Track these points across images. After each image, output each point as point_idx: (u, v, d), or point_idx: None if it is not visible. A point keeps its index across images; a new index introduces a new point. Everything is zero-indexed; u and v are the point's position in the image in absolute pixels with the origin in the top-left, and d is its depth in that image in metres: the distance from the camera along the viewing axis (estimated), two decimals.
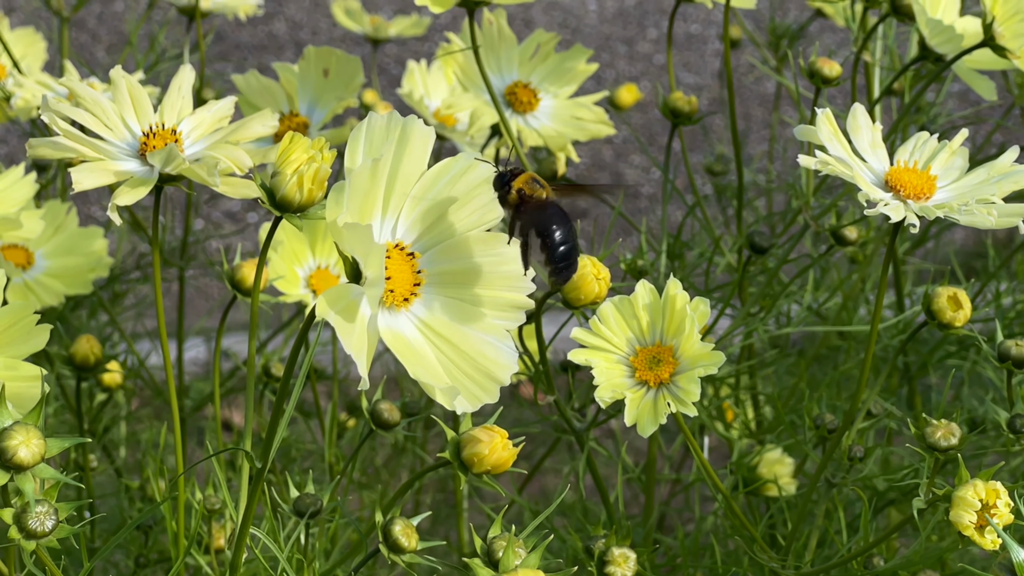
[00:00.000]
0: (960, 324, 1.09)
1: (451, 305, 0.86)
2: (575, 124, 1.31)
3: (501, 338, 0.86)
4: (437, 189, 0.85)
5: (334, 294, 0.80)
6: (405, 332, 0.84)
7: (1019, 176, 1.05)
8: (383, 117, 0.83)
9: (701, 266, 1.36)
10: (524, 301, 0.87)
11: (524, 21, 3.35)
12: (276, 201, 0.89)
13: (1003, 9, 1.18)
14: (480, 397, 0.85)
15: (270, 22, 3.28)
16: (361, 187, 0.80)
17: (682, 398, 1.03)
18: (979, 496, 0.99)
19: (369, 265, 0.80)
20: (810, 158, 1.03)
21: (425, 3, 1.18)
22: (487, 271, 0.86)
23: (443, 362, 0.84)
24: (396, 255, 0.84)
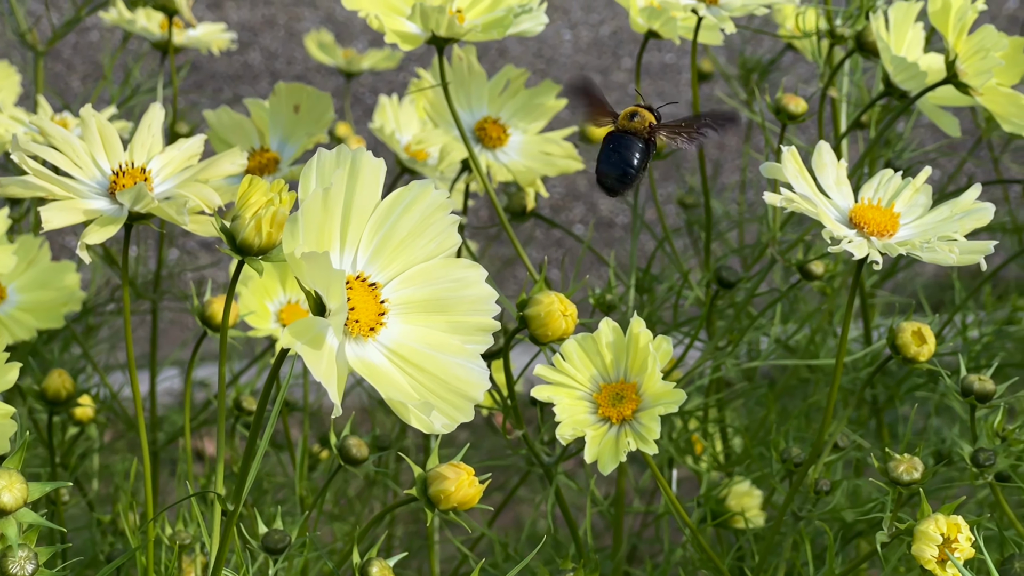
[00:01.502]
0: (924, 359, 1.10)
1: (418, 332, 0.87)
2: (544, 159, 1.32)
3: (471, 359, 0.87)
4: (393, 218, 0.86)
5: (299, 327, 0.81)
6: (375, 361, 0.85)
7: (981, 214, 1.07)
8: (332, 152, 0.84)
9: (670, 300, 1.37)
10: (490, 323, 0.88)
11: (499, 51, 3.37)
12: (236, 245, 0.90)
13: (966, 47, 1.19)
14: (455, 416, 0.86)
15: (245, 52, 3.29)
16: (314, 217, 0.81)
17: (644, 435, 1.04)
18: (940, 530, 1.00)
19: (331, 294, 0.81)
20: (776, 195, 1.05)
21: (394, 41, 1.19)
22: (451, 296, 0.88)
23: (415, 387, 0.86)
24: (358, 286, 0.85)
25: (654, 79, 3.30)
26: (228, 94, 3.20)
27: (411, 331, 0.87)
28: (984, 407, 1.10)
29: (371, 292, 0.86)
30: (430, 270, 0.87)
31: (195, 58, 3.23)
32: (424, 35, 1.19)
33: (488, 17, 1.19)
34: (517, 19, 1.18)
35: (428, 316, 0.87)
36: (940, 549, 1.00)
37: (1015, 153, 1.90)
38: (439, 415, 0.85)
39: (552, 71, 3.33)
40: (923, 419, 1.67)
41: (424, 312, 0.87)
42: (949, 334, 1.54)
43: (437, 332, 0.87)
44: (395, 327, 0.87)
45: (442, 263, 0.88)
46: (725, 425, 1.38)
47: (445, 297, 0.88)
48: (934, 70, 1.25)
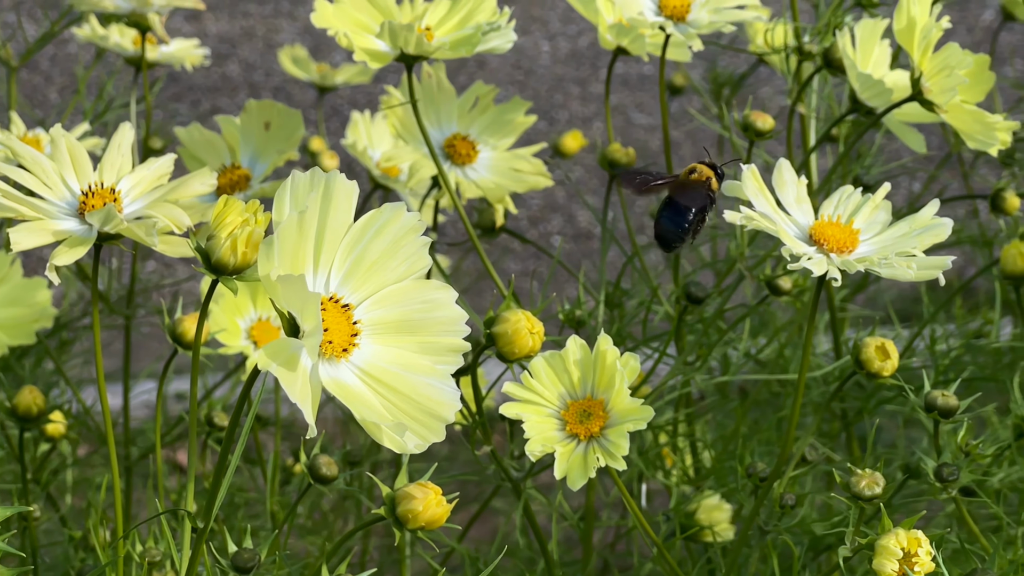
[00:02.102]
0: (888, 373, 1.11)
1: (389, 353, 0.88)
2: (513, 176, 1.33)
3: (442, 379, 0.88)
4: (365, 241, 0.87)
5: (274, 348, 0.82)
6: (348, 382, 0.86)
7: (939, 229, 1.08)
8: (306, 174, 0.85)
9: (641, 315, 1.37)
10: (460, 344, 0.89)
11: (478, 63, 3.38)
12: (211, 264, 0.91)
13: (930, 65, 1.20)
14: (427, 436, 0.87)
15: (223, 64, 3.30)
16: (290, 240, 0.82)
17: (612, 452, 1.05)
18: (901, 545, 1.01)
19: (306, 316, 0.82)
20: (736, 213, 1.05)
21: (363, 58, 1.19)
22: (422, 317, 0.89)
23: (387, 407, 0.87)
24: (331, 308, 0.86)
25: (632, 90, 3.31)
26: (206, 106, 3.20)
27: (383, 352, 0.88)
28: (947, 422, 1.11)
29: (344, 314, 0.87)
30: (401, 292, 0.89)
31: (173, 69, 3.23)
32: (393, 53, 1.20)
33: (457, 35, 1.20)
34: (486, 36, 1.19)
35: (399, 337, 0.89)
36: (900, 563, 1.00)
37: (993, 165, 1.90)
38: (411, 435, 0.86)
39: (530, 82, 3.34)
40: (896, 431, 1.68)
41: (396, 333, 0.88)
42: (920, 347, 1.55)
43: (408, 353, 0.88)
44: (367, 348, 0.88)
45: (413, 285, 0.89)
46: (695, 439, 1.39)
47: (416, 318, 0.89)
48: (900, 87, 1.26)
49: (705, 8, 1.25)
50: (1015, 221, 1.39)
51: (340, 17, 1.21)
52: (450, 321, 0.88)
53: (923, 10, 1.20)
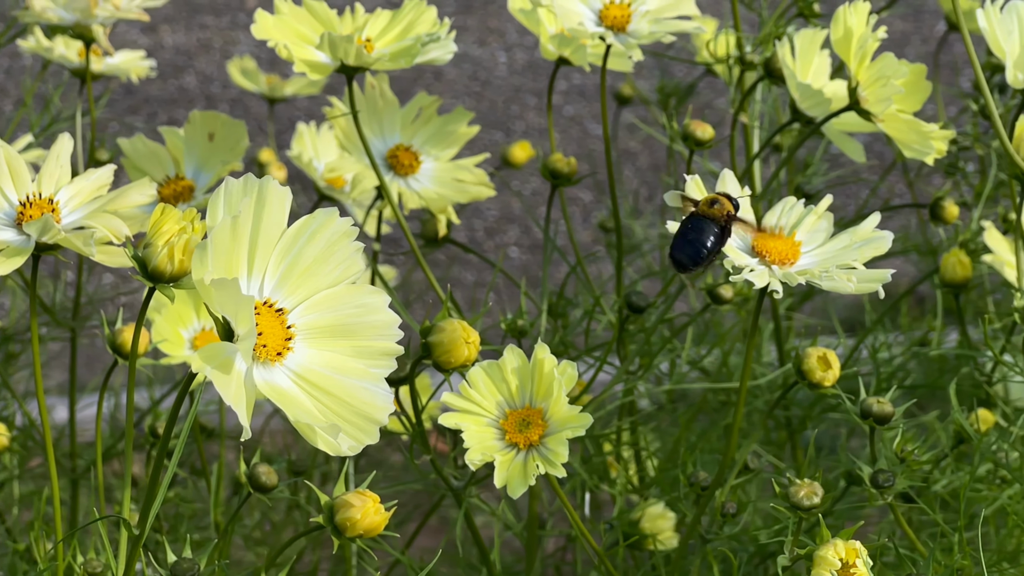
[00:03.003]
0: (830, 383, 1.12)
1: (324, 356, 0.89)
2: (456, 186, 1.33)
3: (375, 382, 0.88)
4: (299, 246, 0.88)
5: (209, 351, 0.83)
6: (282, 385, 0.87)
7: (880, 242, 1.08)
8: (240, 180, 0.85)
9: (585, 324, 1.38)
10: (394, 348, 0.90)
11: (435, 74, 3.38)
12: (148, 272, 0.91)
13: (867, 74, 1.21)
14: (361, 439, 0.88)
15: (180, 76, 3.30)
16: (223, 244, 0.83)
17: (551, 459, 1.06)
18: (839, 555, 1.01)
19: (240, 320, 0.82)
20: (677, 224, 1.06)
21: (303, 70, 1.20)
22: (356, 321, 0.89)
23: (321, 410, 0.87)
24: (265, 312, 0.87)
25: (589, 101, 3.32)
26: (163, 118, 3.20)
27: (317, 356, 0.89)
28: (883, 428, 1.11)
29: (278, 318, 0.87)
30: (335, 296, 0.89)
31: (129, 82, 3.23)
32: (333, 64, 1.21)
33: (396, 46, 1.21)
34: (425, 48, 1.20)
35: (334, 341, 0.89)
36: (839, 574, 1.01)
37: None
38: (345, 437, 0.87)
39: (487, 93, 3.35)
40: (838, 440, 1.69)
41: (330, 337, 0.89)
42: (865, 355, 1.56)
43: (342, 356, 0.89)
44: (302, 352, 0.89)
45: (347, 289, 0.90)
46: (639, 448, 1.40)
47: (350, 322, 0.89)
48: (839, 97, 1.27)
49: (646, 19, 1.25)
50: (956, 229, 1.40)
51: (281, 29, 1.21)
52: (384, 325, 0.89)
53: (860, 20, 1.21)
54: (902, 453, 1.12)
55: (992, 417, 1.29)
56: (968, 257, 1.35)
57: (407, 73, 3.36)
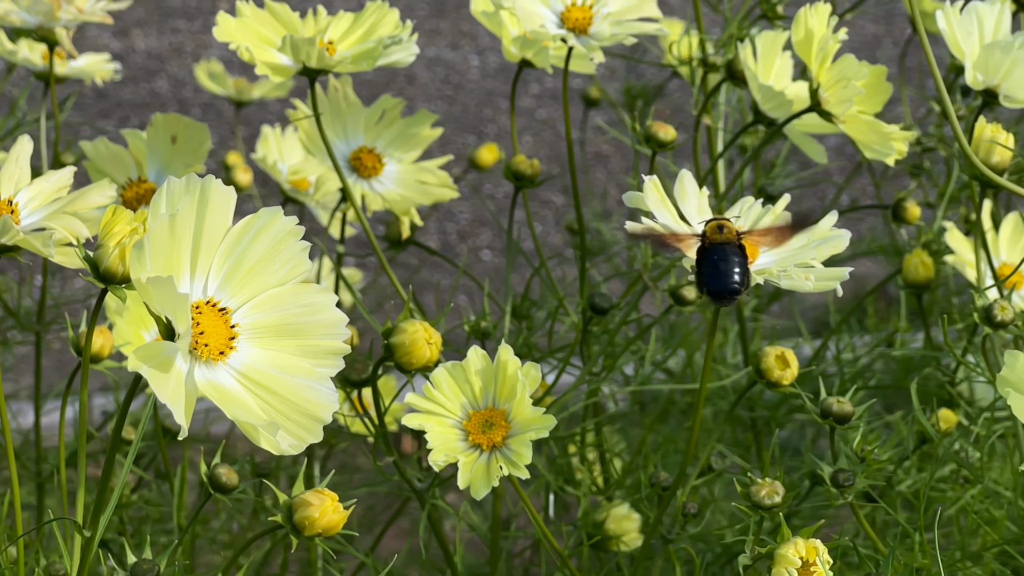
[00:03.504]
0: (788, 382, 1.12)
1: (268, 355, 0.89)
2: (419, 188, 1.33)
3: (320, 381, 0.88)
4: (243, 245, 0.88)
5: (147, 350, 0.83)
6: (225, 384, 0.87)
7: (837, 241, 1.08)
8: (182, 179, 0.85)
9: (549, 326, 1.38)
10: (340, 347, 0.90)
11: (407, 77, 3.38)
12: (100, 273, 0.91)
13: (828, 76, 1.21)
14: (304, 437, 0.88)
15: (152, 80, 3.29)
16: (161, 242, 0.83)
17: (515, 461, 1.06)
18: (799, 553, 1.01)
19: (177, 318, 0.83)
20: (637, 225, 1.06)
21: (265, 72, 1.20)
22: (302, 321, 0.90)
23: (265, 409, 0.88)
24: (208, 311, 0.87)
25: (561, 104, 3.32)
26: (135, 122, 3.20)
27: (262, 355, 0.89)
28: (843, 428, 1.12)
29: (221, 317, 0.87)
30: (281, 295, 0.89)
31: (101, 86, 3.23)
32: (295, 67, 1.21)
33: (358, 49, 1.21)
34: (387, 50, 1.20)
35: (279, 340, 0.90)
36: (799, 572, 1.01)
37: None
38: (287, 436, 0.87)
39: (460, 97, 3.35)
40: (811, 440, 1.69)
41: (275, 336, 0.89)
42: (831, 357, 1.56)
43: (288, 355, 0.89)
44: (246, 351, 0.89)
45: (293, 289, 0.90)
46: (604, 449, 1.40)
47: (296, 322, 0.90)
48: (801, 98, 1.27)
49: (607, 21, 1.25)
50: (919, 230, 1.41)
51: (243, 31, 1.21)
52: (330, 324, 0.89)
53: (820, 22, 1.21)
54: (862, 452, 1.13)
55: (954, 417, 1.29)
56: (931, 258, 1.35)
57: (380, 77, 3.36)
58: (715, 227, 1.05)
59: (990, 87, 1.22)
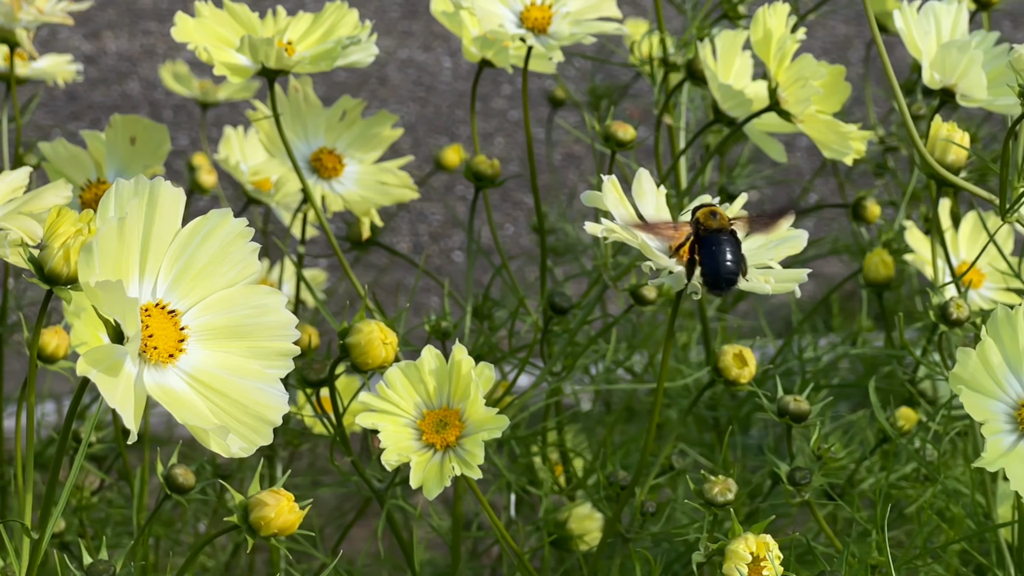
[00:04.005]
0: (745, 380, 1.12)
1: (218, 357, 0.89)
2: (380, 189, 1.33)
3: (270, 383, 0.89)
4: (192, 247, 0.88)
5: (96, 354, 0.82)
6: (174, 387, 0.87)
7: (795, 242, 1.08)
8: (131, 181, 0.85)
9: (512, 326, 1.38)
10: (290, 348, 0.90)
11: (379, 79, 3.38)
12: (44, 275, 0.91)
13: (786, 75, 1.22)
14: (254, 440, 0.88)
15: (124, 82, 3.29)
16: (110, 246, 0.83)
17: (468, 460, 1.06)
18: (750, 549, 1.02)
19: (126, 322, 0.82)
20: (597, 225, 1.06)
21: (223, 72, 1.20)
22: (251, 322, 0.90)
23: (214, 411, 0.87)
24: (157, 313, 0.87)
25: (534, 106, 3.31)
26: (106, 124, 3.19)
27: (212, 357, 0.89)
28: (800, 426, 1.12)
29: (171, 319, 0.87)
30: (231, 297, 0.89)
31: (72, 88, 3.22)
32: (254, 67, 1.21)
33: (317, 49, 1.21)
34: (346, 51, 1.20)
35: (229, 342, 0.89)
36: (750, 568, 1.02)
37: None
38: (237, 438, 0.87)
39: (432, 99, 3.35)
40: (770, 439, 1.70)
41: (225, 338, 0.89)
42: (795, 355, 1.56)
43: (238, 357, 0.89)
44: (196, 353, 0.89)
45: (243, 290, 0.90)
46: (565, 449, 1.40)
47: (246, 323, 0.90)
48: (760, 98, 1.27)
49: (566, 20, 1.26)
50: (879, 229, 1.41)
51: (201, 31, 1.21)
52: (280, 326, 0.89)
53: (779, 22, 1.22)
54: (819, 451, 1.13)
55: (915, 416, 1.30)
56: (891, 257, 1.35)
57: (352, 79, 3.36)
58: (708, 214, 1.05)
59: (947, 86, 1.22)
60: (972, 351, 0.99)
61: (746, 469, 1.62)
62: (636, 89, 2.02)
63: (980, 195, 1.06)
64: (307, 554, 1.49)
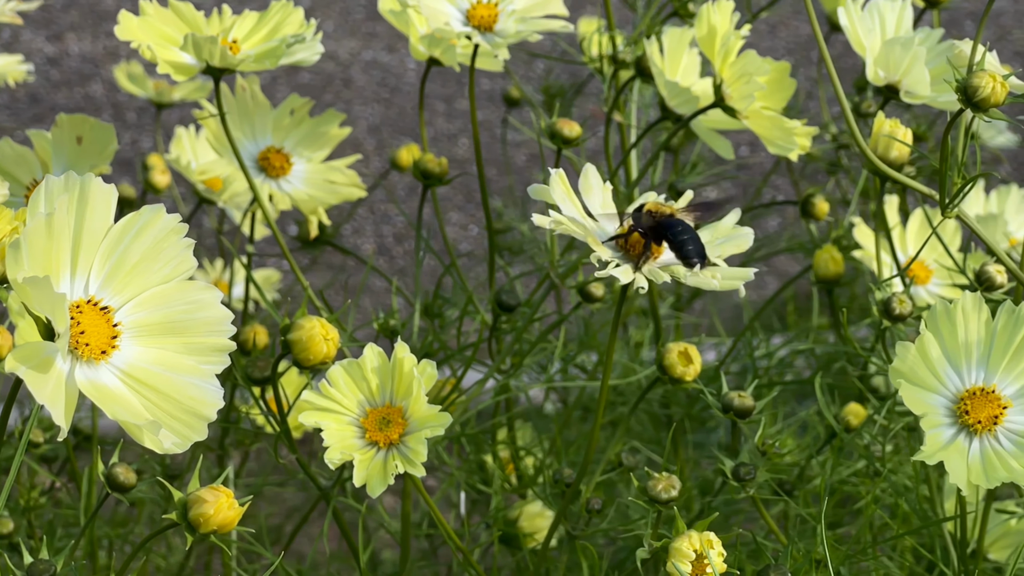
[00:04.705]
0: (690, 378, 1.12)
1: (153, 354, 0.89)
2: (327, 188, 1.33)
3: (205, 378, 0.88)
4: (125, 243, 0.87)
5: (26, 351, 0.82)
6: (107, 383, 0.87)
7: (741, 239, 1.08)
8: (61, 178, 0.85)
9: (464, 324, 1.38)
10: (226, 344, 0.90)
11: (344, 81, 3.38)
12: None
13: (730, 72, 1.22)
14: (188, 435, 0.89)
15: (87, 84, 3.28)
16: (38, 242, 0.82)
17: (411, 458, 1.06)
18: (694, 546, 1.02)
19: (56, 318, 0.82)
20: (545, 217, 1.06)
21: (167, 71, 1.19)
22: (186, 318, 0.90)
23: (148, 407, 0.87)
24: (89, 310, 0.87)
25: (498, 106, 3.32)
26: None
27: (146, 353, 0.89)
28: (744, 422, 1.12)
29: (103, 316, 0.87)
30: (165, 293, 0.89)
31: (35, 90, 3.21)
32: (199, 65, 1.20)
33: (262, 47, 1.21)
34: (290, 49, 1.20)
35: (164, 338, 0.89)
36: (694, 565, 1.02)
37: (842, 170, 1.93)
38: (170, 434, 0.87)
39: (396, 100, 3.34)
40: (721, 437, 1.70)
41: (160, 334, 0.89)
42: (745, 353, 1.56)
43: (172, 353, 0.89)
44: (129, 350, 0.88)
45: (178, 286, 0.90)
46: (516, 447, 1.40)
47: (181, 319, 0.90)
48: (707, 94, 1.28)
49: (512, 18, 1.26)
50: (829, 226, 1.42)
51: (145, 30, 1.21)
52: (215, 321, 0.89)
53: (723, 18, 1.22)
54: (763, 447, 1.13)
55: (863, 411, 1.30)
56: (840, 253, 1.36)
57: (316, 80, 3.35)
58: (657, 205, 1.05)
59: (891, 83, 1.22)
60: (911, 345, 1.00)
61: (701, 467, 1.63)
62: (597, 88, 2.02)
63: (920, 191, 1.06)
64: (261, 554, 1.48)
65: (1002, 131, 1.68)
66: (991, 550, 1.30)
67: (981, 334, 1.01)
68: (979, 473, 0.99)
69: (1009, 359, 1.01)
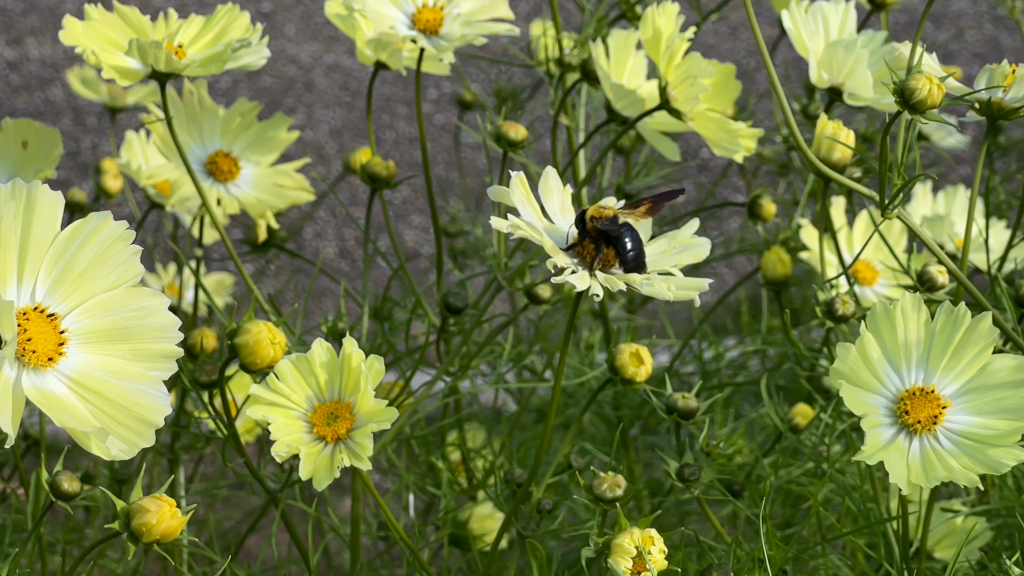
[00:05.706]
0: (641, 379, 1.13)
1: (100, 360, 0.89)
2: (276, 191, 1.33)
3: (153, 385, 0.89)
4: (72, 250, 0.88)
5: None
6: (54, 390, 0.87)
7: (698, 249, 1.08)
8: (7, 185, 0.85)
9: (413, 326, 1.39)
10: (173, 350, 0.90)
11: (305, 85, 3.38)
12: None
13: (675, 74, 1.23)
14: (136, 442, 0.89)
15: (47, 88, 3.27)
16: None
17: (358, 452, 1.06)
18: (635, 543, 1.02)
19: (3, 326, 0.83)
20: (502, 221, 1.06)
21: (112, 76, 1.19)
22: (133, 325, 0.90)
23: (96, 414, 0.88)
24: (35, 317, 0.87)
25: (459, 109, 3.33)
26: None
27: (93, 360, 0.89)
28: (687, 423, 1.13)
29: (50, 323, 0.87)
30: (112, 300, 0.90)
31: None
32: (144, 70, 1.20)
33: (207, 52, 1.21)
34: (236, 53, 1.20)
35: (111, 345, 0.90)
36: (635, 561, 1.02)
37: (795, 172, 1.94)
38: (117, 441, 0.87)
39: (358, 103, 3.35)
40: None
41: (107, 341, 0.90)
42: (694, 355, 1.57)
43: (120, 360, 0.90)
44: (77, 357, 0.89)
45: (124, 293, 0.90)
46: (467, 449, 1.41)
47: (128, 326, 0.90)
48: (653, 97, 1.28)
49: (457, 22, 1.26)
50: (777, 227, 1.42)
51: (90, 35, 1.21)
52: (162, 328, 0.90)
53: (668, 21, 1.23)
54: (707, 447, 1.14)
55: (811, 412, 1.31)
56: (788, 255, 1.36)
57: (278, 85, 3.35)
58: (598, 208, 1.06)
59: (835, 85, 1.23)
60: (851, 346, 1.00)
61: (655, 468, 1.63)
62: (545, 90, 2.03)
63: (860, 191, 1.07)
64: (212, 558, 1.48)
65: (951, 133, 1.69)
66: (937, 549, 1.31)
67: (921, 334, 1.01)
68: (919, 472, 1.00)
69: (948, 359, 1.02)
